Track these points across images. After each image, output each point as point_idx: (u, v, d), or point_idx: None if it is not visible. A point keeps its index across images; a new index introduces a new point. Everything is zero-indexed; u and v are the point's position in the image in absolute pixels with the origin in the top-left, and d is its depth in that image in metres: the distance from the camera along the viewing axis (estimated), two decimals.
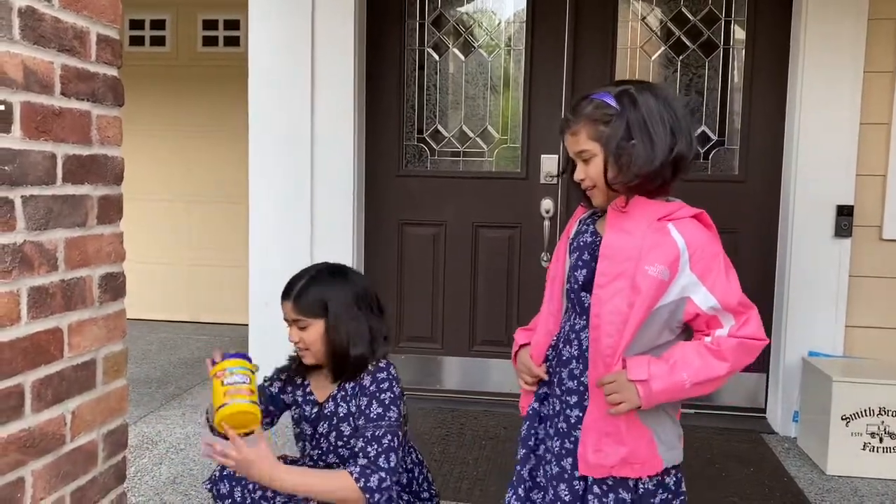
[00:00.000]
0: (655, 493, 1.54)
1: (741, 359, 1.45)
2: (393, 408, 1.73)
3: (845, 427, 2.91)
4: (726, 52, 3.49)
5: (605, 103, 1.49)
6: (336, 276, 1.84)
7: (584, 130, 1.50)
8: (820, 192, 3.24)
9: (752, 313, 1.47)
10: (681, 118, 1.48)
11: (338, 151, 3.49)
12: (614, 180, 1.48)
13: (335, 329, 1.77)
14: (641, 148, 1.44)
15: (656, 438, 1.52)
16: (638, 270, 1.44)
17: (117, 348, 1.55)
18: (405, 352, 3.76)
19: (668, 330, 1.49)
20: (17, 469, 1.27)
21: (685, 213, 1.50)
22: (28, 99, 1.28)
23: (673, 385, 1.44)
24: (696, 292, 1.45)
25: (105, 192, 1.50)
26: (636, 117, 1.45)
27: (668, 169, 1.47)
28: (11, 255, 1.25)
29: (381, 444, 1.67)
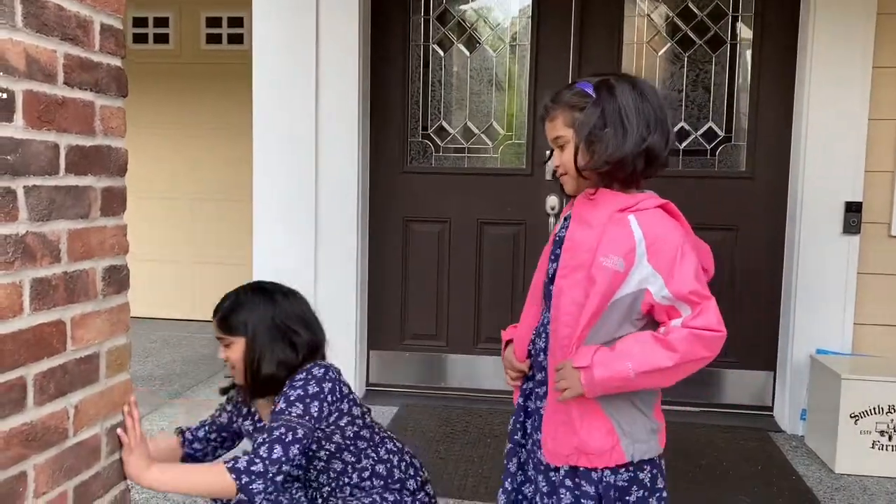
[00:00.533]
0: (629, 490, 1.52)
1: (694, 350, 1.41)
2: (298, 404, 1.71)
3: (854, 425, 2.89)
4: (733, 47, 3.46)
5: (583, 91, 1.50)
6: (260, 295, 1.87)
7: (560, 117, 1.52)
8: (828, 189, 3.21)
9: (708, 304, 1.43)
10: (657, 112, 1.49)
11: (342, 148, 3.47)
12: (584, 167, 1.49)
13: (251, 348, 1.80)
14: (613, 136, 1.45)
15: (618, 430, 1.50)
16: (594, 261, 1.45)
17: (121, 342, 1.53)
18: (409, 349, 3.75)
19: (628, 322, 1.47)
20: (20, 463, 1.25)
21: (649, 203, 1.48)
22: (30, 87, 1.26)
23: (616, 374, 1.42)
24: (654, 283, 1.44)
25: (108, 184, 1.48)
26: (612, 106, 1.46)
27: (639, 160, 1.47)
28: (14, 246, 1.23)
29: (272, 435, 1.66)
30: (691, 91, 3.50)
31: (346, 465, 1.83)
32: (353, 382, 3.56)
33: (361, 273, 3.60)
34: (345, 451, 1.82)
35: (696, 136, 3.51)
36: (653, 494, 1.54)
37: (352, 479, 1.83)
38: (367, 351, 3.74)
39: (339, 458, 1.82)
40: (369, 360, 3.77)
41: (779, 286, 3.44)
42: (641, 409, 1.53)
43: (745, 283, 3.49)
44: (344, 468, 1.83)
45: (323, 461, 1.82)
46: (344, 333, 3.55)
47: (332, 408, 1.76)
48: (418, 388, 3.74)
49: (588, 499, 1.52)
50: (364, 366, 3.72)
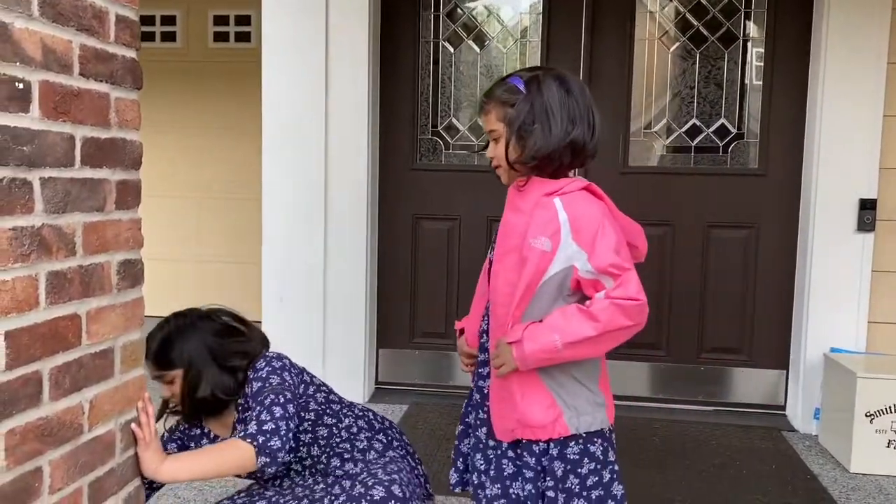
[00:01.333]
0: (581, 463, 1.57)
1: (615, 319, 1.47)
2: (272, 376, 1.77)
3: (869, 424, 2.86)
4: (746, 43, 3.44)
5: (514, 87, 1.56)
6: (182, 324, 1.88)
7: (494, 111, 1.58)
8: (842, 186, 3.19)
9: (628, 275, 1.50)
10: (581, 107, 1.55)
11: (352, 146, 3.45)
12: (514, 160, 1.56)
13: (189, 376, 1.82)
14: (539, 131, 1.52)
15: (560, 403, 1.55)
16: (524, 244, 1.53)
17: (135, 337, 1.51)
18: (419, 347, 3.73)
19: (560, 299, 1.54)
20: (35, 458, 1.24)
21: (573, 186, 1.56)
22: (46, 78, 1.24)
23: (544, 346, 1.49)
24: (579, 259, 1.51)
25: (123, 177, 1.46)
26: (539, 102, 1.53)
27: (565, 153, 1.54)
28: (30, 239, 1.21)
29: (264, 403, 1.71)
30: (703, 88, 3.48)
31: (329, 427, 1.87)
32: (361, 380, 3.54)
33: (371, 271, 3.58)
34: (323, 415, 1.87)
35: (708, 133, 3.49)
36: (605, 467, 1.59)
37: (342, 437, 1.88)
38: (375, 349, 3.73)
39: (322, 423, 1.87)
40: (378, 359, 3.75)
41: (792, 284, 3.41)
42: (583, 383, 1.58)
43: (757, 280, 3.46)
44: (330, 431, 1.87)
45: (309, 432, 1.86)
46: (353, 331, 3.53)
47: (297, 379, 1.85)
48: (427, 386, 3.72)
49: (528, 469, 1.59)
50: (373, 364, 3.71)
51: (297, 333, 3.43)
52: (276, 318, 3.45)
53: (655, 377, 3.56)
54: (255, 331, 1.95)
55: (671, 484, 2.73)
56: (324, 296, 3.50)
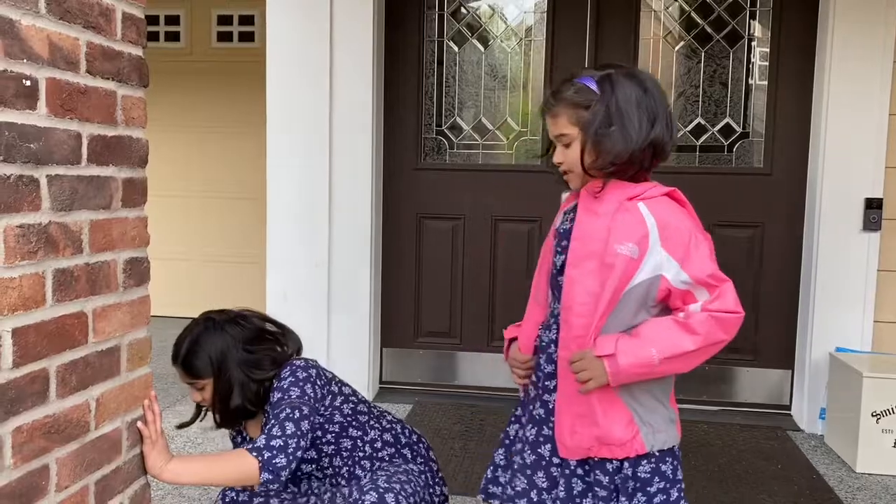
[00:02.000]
0: (651, 481, 1.50)
1: (714, 333, 1.41)
2: (294, 388, 1.75)
3: (875, 424, 2.85)
4: (751, 42, 3.43)
5: (586, 87, 1.48)
6: (212, 330, 1.83)
7: (564, 114, 1.49)
8: (848, 185, 3.18)
9: (726, 286, 1.43)
10: (659, 105, 1.48)
11: (356, 145, 3.45)
12: (591, 166, 1.48)
13: (219, 385, 1.80)
14: (619, 135, 1.44)
15: (637, 420, 1.48)
16: (607, 250, 1.44)
17: (141, 335, 1.51)
18: (423, 347, 3.73)
19: (644, 310, 1.47)
20: (42, 456, 1.24)
21: (656, 191, 1.48)
22: (53, 75, 1.24)
23: (641, 360, 1.41)
24: (669, 269, 1.43)
25: (130, 175, 1.46)
26: (616, 103, 1.44)
27: (645, 155, 1.47)
28: (37, 236, 1.21)
29: (279, 417, 1.69)
30: (708, 87, 3.47)
31: (354, 440, 1.84)
32: (366, 380, 3.54)
33: (375, 270, 3.58)
34: (349, 427, 1.84)
35: (713, 132, 3.48)
36: (674, 486, 1.52)
37: (365, 452, 1.85)
38: (380, 348, 3.72)
39: (346, 436, 1.84)
40: (383, 358, 3.75)
41: (797, 284, 3.40)
42: (659, 399, 1.52)
43: (762, 280, 3.45)
44: (354, 444, 1.84)
45: (332, 444, 1.83)
46: (357, 331, 3.53)
47: (324, 390, 1.81)
48: (432, 385, 3.71)
49: (601, 488, 1.51)
50: (377, 363, 3.70)
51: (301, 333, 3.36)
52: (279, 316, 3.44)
53: None
54: (289, 334, 1.91)
55: None
56: (328, 295, 3.50)
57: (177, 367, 1.84)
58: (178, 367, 1.83)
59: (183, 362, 1.82)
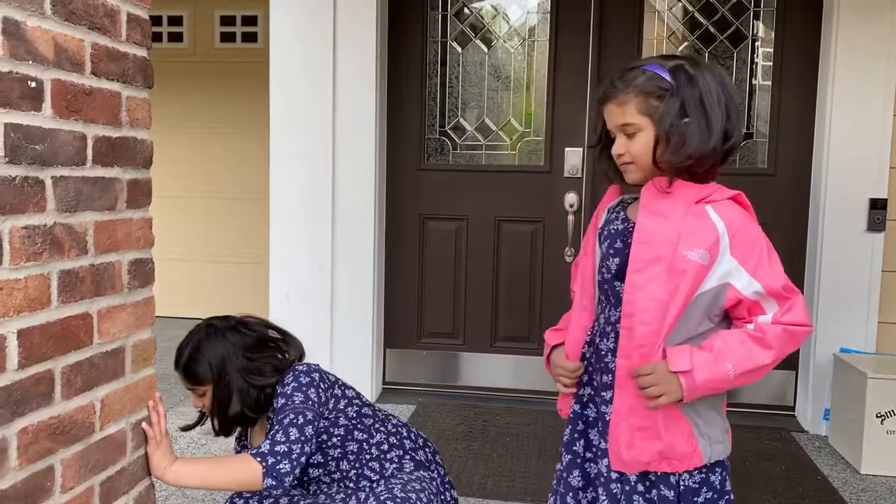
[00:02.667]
0: (699, 492, 1.45)
1: (786, 346, 1.37)
2: (297, 394, 1.75)
3: (880, 425, 2.84)
4: (755, 43, 3.42)
5: (659, 76, 1.40)
6: (213, 337, 1.84)
7: (633, 102, 1.41)
8: (852, 186, 3.17)
9: (798, 298, 1.39)
10: (735, 99, 1.42)
11: (359, 145, 3.45)
12: (663, 159, 1.40)
13: (220, 391, 1.81)
14: (696, 128, 1.37)
15: (696, 432, 1.43)
16: (676, 255, 1.37)
17: (146, 336, 1.51)
18: (426, 348, 3.72)
19: (707, 318, 1.41)
20: (47, 457, 1.24)
21: (722, 195, 1.42)
22: (59, 77, 1.24)
23: (717, 375, 1.36)
24: (739, 278, 1.37)
25: (134, 176, 1.46)
26: (692, 95, 1.37)
27: (721, 152, 1.40)
28: (42, 237, 1.21)
29: (283, 422, 1.69)
30: None
31: (360, 443, 1.84)
32: (369, 381, 3.54)
33: (378, 271, 3.58)
34: (354, 430, 1.84)
35: None
36: (721, 497, 1.48)
37: (372, 455, 1.84)
38: (383, 349, 3.72)
39: (352, 439, 1.83)
40: (386, 359, 3.74)
41: (801, 284, 3.39)
42: (718, 410, 1.48)
43: None
44: (360, 447, 1.84)
45: (338, 447, 1.83)
46: (360, 331, 3.53)
47: (328, 394, 1.81)
48: (435, 386, 3.71)
49: (665, 503, 1.46)
50: (381, 364, 3.70)
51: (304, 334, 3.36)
52: (282, 318, 3.44)
53: None
54: (291, 341, 1.91)
55: None
56: (331, 296, 3.49)
57: (178, 372, 1.86)
58: (180, 372, 1.85)
59: (184, 368, 1.84)
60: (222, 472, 1.67)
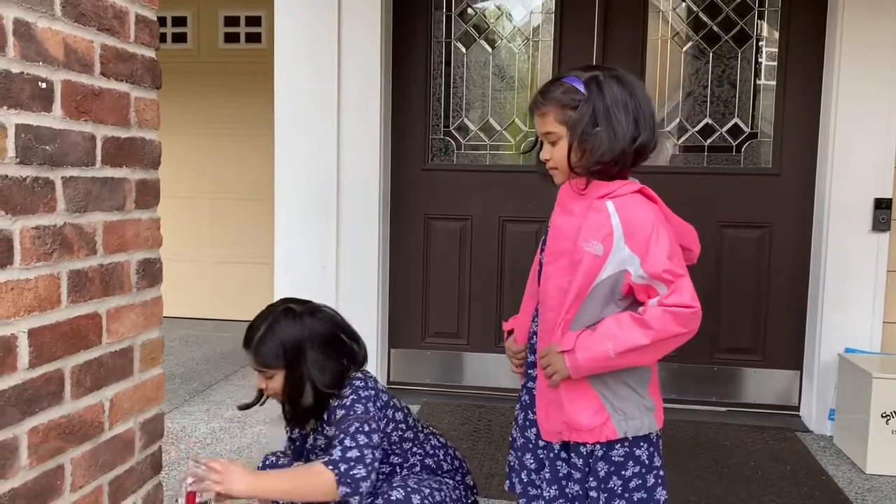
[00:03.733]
0: (626, 465, 1.56)
1: (669, 327, 1.46)
2: (357, 405, 1.73)
3: (885, 425, 2.84)
4: (759, 42, 3.42)
5: (574, 88, 1.53)
6: (291, 321, 1.78)
7: (552, 113, 1.54)
8: (857, 185, 3.16)
9: (682, 281, 1.47)
10: (644, 107, 1.53)
11: (364, 146, 3.46)
12: (576, 164, 1.53)
13: (291, 379, 1.76)
14: (604, 135, 1.49)
15: (608, 407, 1.54)
16: (576, 247, 1.51)
17: (154, 336, 1.52)
18: (430, 347, 3.73)
19: (612, 303, 1.52)
20: (57, 456, 1.25)
21: (626, 189, 1.53)
22: (68, 77, 1.25)
23: (597, 354, 1.48)
24: (631, 264, 1.49)
25: (143, 177, 1.47)
26: (601, 105, 1.50)
27: (629, 156, 1.52)
28: (52, 237, 1.22)
29: (349, 430, 1.67)
30: (716, 87, 3.46)
31: (393, 466, 1.84)
32: None
33: (382, 271, 3.58)
34: (391, 454, 1.83)
35: (721, 133, 3.47)
36: (650, 471, 1.58)
37: (403, 476, 1.84)
38: (387, 349, 3.73)
39: (387, 462, 1.83)
40: (390, 358, 3.75)
41: (806, 284, 3.39)
42: (633, 388, 1.57)
43: (771, 280, 3.44)
44: (392, 470, 1.84)
45: None
46: (365, 331, 3.46)
47: (381, 413, 1.78)
48: (439, 386, 3.72)
49: (576, 470, 1.59)
50: (385, 364, 3.71)
51: None
52: None
53: (669, 377, 3.55)
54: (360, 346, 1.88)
55: (685, 484, 2.72)
56: (336, 296, 3.50)
57: (248, 352, 1.78)
58: (250, 352, 1.77)
59: (256, 349, 1.76)
60: (295, 483, 1.64)
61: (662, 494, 1.58)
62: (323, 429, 1.84)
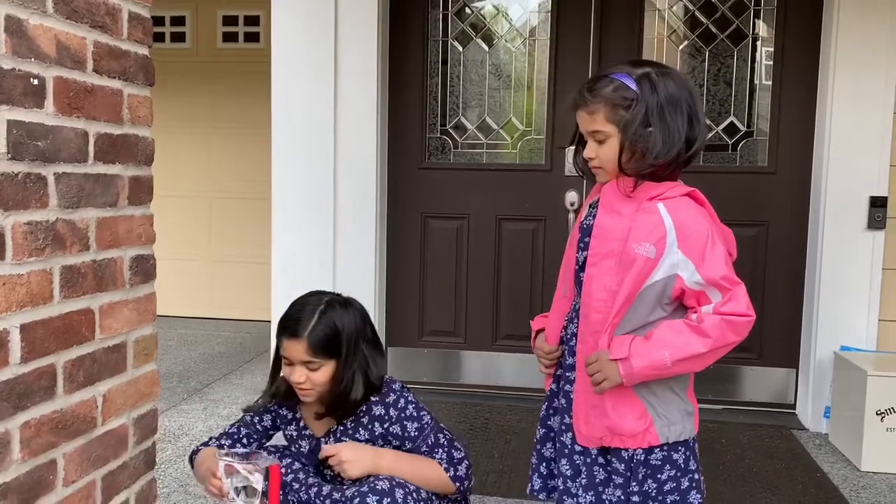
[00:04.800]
0: (662, 469, 1.54)
1: (726, 336, 1.44)
2: (423, 413, 1.78)
3: (880, 422, 2.85)
4: (755, 41, 3.43)
5: (625, 86, 1.48)
6: (349, 313, 1.74)
7: (601, 111, 1.49)
8: (852, 183, 3.17)
9: (738, 289, 1.46)
10: (698, 107, 1.50)
11: (361, 144, 3.46)
12: (627, 165, 1.49)
13: (345, 370, 1.70)
14: (658, 136, 1.45)
15: (651, 412, 1.53)
16: (625, 249, 1.48)
17: (147, 332, 1.53)
18: (427, 346, 3.73)
19: (659, 307, 1.50)
20: (50, 451, 1.25)
21: (676, 191, 1.50)
22: (61, 74, 1.25)
23: (654, 362, 1.45)
24: (685, 269, 1.46)
25: (136, 173, 1.48)
26: (655, 103, 1.45)
27: (682, 156, 1.48)
28: (45, 233, 1.23)
29: (441, 444, 1.75)
30: (712, 85, 3.47)
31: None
32: None
33: (380, 270, 3.59)
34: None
35: (717, 131, 3.48)
36: (685, 475, 1.56)
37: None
38: (385, 347, 3.73)
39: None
40: (387, 357, 3.75)
41: (802, 282, 3.40)
42: (676, 392, 1.56)
43: (767, 279, 3.45)
44: None
45: None
46: None
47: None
48: (436, 384, 3.72)
49: (618, 475, 1.56)
50: None
51: None
52: None
53: None
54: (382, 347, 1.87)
55: None
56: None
57: (297, 340, 1.66)
58: (306, 340, 1.66)
59: (316, 338, 1.66)
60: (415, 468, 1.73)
61: (696, 498, 1.56)
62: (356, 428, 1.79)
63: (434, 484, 1.73)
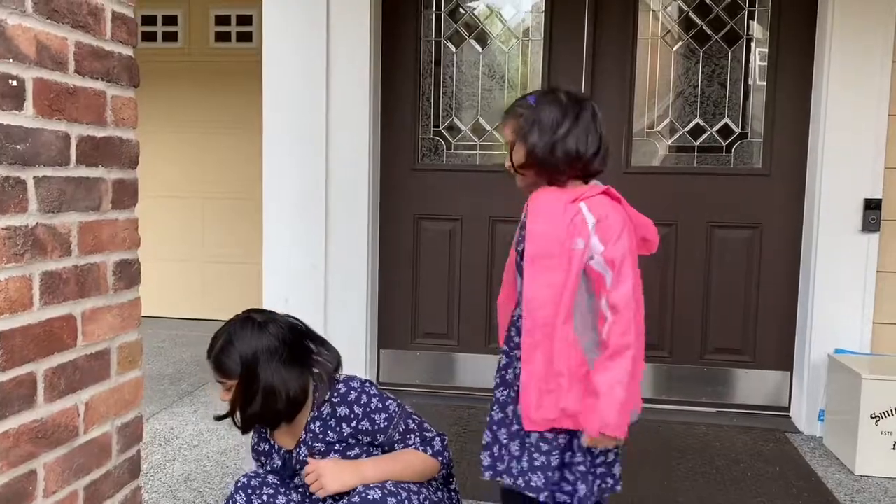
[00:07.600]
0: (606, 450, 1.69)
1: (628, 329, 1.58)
2: (388, 402, 1.82)
3: (874, 426, 2.83)
4: (749, 43, 3.41)
5: (526, 102, 1.73)
6: (250, 330, 1.76)
7: (509, 123, 1.75)
8: (846, 186, 3.16)
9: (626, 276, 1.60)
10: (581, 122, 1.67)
11: (353, 145, 3.44)
12: (515, 164, 1.73)
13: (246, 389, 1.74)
14: (537, 137, 1.67)
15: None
16: (563, 247, 1.63)
17: (132, 338, 1.50)
18: (420, 348, 3.71)
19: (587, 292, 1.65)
20: (29, 461, 1.22)
21: (594, 191, 1.68)
22: (41, 75, 1.23)
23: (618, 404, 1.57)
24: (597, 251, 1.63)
25: (120, 176, 1.45)
26: (540, 114, 1.68)
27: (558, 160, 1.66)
28: (24, 238, 1.20)
29: (412, 429, 1.79)
30: (706, 87, 3.45)
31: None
32: None
33: (372, 271, 3.57)
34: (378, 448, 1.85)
35: (711, 133, 3.46)
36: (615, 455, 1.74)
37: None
38: (377, 349, 3.71)
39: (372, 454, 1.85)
40: (380, 359, 3.73)
41: (796, 285, 3.39)
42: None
43: (761, 281, 3.44)
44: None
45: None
46: (354, 332, 3.51)
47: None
48: (429, 387, 3.70)
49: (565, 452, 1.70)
50: (374, 364, 3.69)
51: None
52: None
53: (658, 378, 3.54)
54: (331, 350, 1.88)
55: (674, 485, 2.71)
56: (325, 296, 3.48)
57: (209, 362, 1.78)
58: (210, 362, 1.77)
59: (215, 359, 1.76)
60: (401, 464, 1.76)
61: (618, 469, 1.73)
62: (325, 432, 1.81)
63: (422, 469, 1.77)
